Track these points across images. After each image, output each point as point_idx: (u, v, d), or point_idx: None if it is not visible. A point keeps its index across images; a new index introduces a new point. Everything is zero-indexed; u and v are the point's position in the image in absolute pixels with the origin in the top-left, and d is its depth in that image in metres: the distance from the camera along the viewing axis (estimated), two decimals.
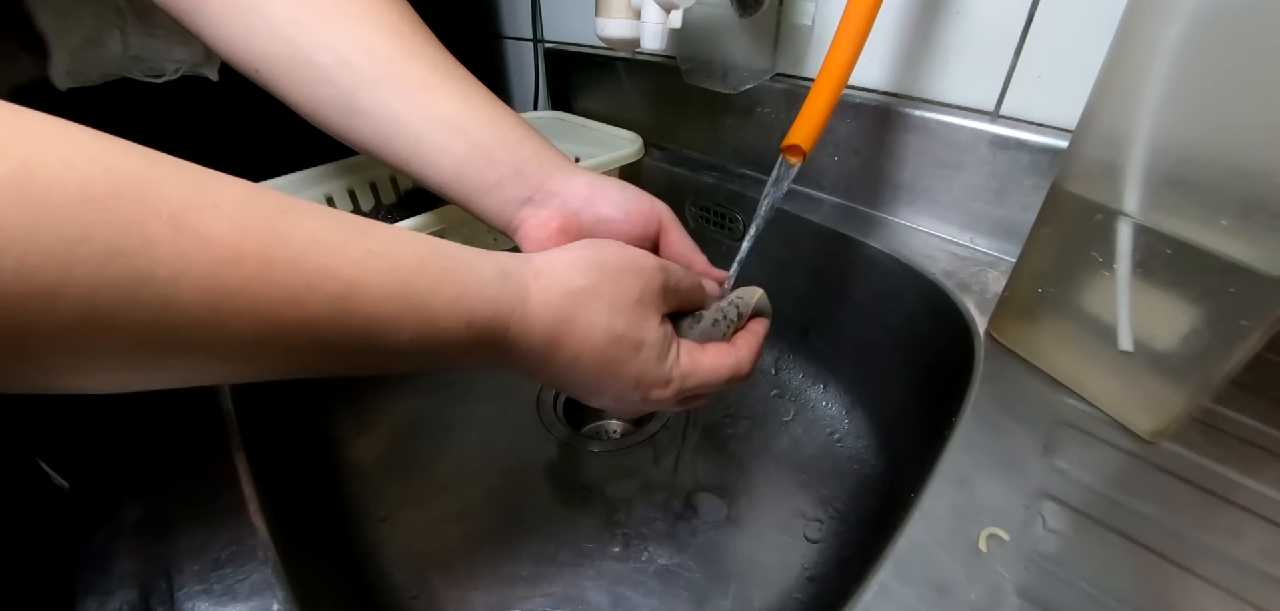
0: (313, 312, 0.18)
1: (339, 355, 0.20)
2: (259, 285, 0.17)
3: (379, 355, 0.21)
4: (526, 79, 0.77)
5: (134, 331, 0.15)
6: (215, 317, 0.16)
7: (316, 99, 0.31)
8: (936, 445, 0.29)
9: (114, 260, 0.14)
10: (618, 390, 0.26)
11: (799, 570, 0.40)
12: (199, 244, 0.16)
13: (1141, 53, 0.25)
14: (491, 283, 0.23)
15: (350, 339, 0.20)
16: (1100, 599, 0.22)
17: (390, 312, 0.20)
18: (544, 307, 0.24)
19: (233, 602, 0.23)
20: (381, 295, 0.20)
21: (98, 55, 0.46)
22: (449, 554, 0.41)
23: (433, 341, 0.21)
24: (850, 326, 0.50)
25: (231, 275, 0.17)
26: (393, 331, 0.20)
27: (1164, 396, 0.28)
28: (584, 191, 0.33)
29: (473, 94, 0.32)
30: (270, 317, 0.17)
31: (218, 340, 0.17)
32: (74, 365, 0.16)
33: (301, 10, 0.30)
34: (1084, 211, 0.29)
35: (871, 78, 0.46)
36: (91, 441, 0.29)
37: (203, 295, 0.16)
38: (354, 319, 0.19)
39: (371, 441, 0.49)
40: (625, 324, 0.25)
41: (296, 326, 0.18)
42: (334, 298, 0.19)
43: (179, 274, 0.16)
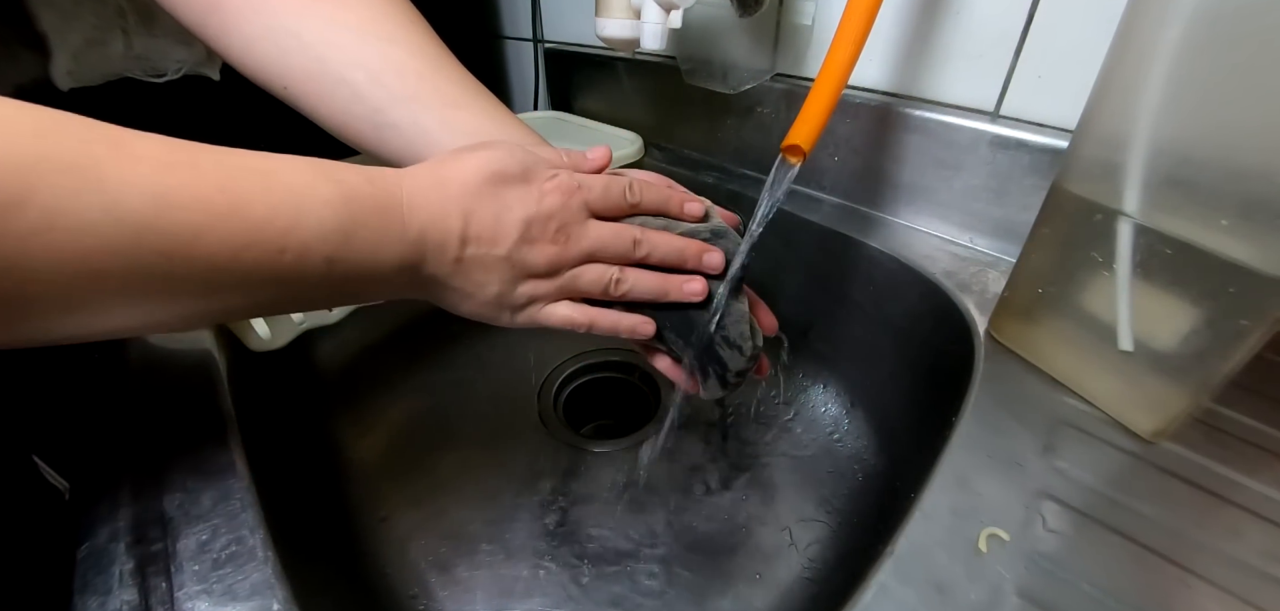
0: (242, 192, 0.21)
1: (269, 235, 0.22)
2: (191, 179, 0.20)
3: (304, 233, 0.22)
4: (526, 79, 0.77)
5: (90, 233, 0.18)
6: (157, 210, 0.19)
7: (347, 114, 0.32)
8: (936, 445, 0.29)
9: (69, 174, 0.17)
10: (518, 194, 0.27)
11: (799, 570, 0.40)
12: (135, 158, 0.19)
13: (1141, 53, 0.25)
14: (381, 168, 0.26)
15: (277, 213, 0.22)
16: (1100, 599, 0.22)
17: (307, 181, 0.23)
18: (422, 165, 0.27)
19: (233, 602, 0.23)
20: (297, 170, 0.23)
21: (99, 55, 0.46)
22: (449, 554, 0.41)
23: (344, 201, 0.23)
24: (850, 326, 0.50)
25: (166, 176, 0.19)
26: (310, 196, 0.23)
27: (1164, 396, 0.28)
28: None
29: (499, 112, 0.34)
30: (205, 204, 0.20)
31: (162, 234, 0.19)
32: (44, 287, 0.18)
33: (334, 30, 0.31)
34: (1084, 211, 0.29)
35: (871, 78, 0.46)
36: (91, 441, 0.29)
37: (143, 193, 0.18)
38: (277, 192, 0.22)
39: (371, 441, 0.49)
40: (485, 149, 0.27)
41: (229, 210, 0.20)
42: (258, 175, 0.21)
43: (123, 180, 0.18)
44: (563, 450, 0.48)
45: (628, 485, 0.45)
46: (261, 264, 0.21)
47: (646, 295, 0.30)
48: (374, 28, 0.32)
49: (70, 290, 0.18)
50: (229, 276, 0.21)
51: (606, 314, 0.30)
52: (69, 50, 0.44)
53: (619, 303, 0.30)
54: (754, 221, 0.35)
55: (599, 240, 0.29)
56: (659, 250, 0.30)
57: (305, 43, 0.31)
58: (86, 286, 0.18)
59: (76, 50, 0.44)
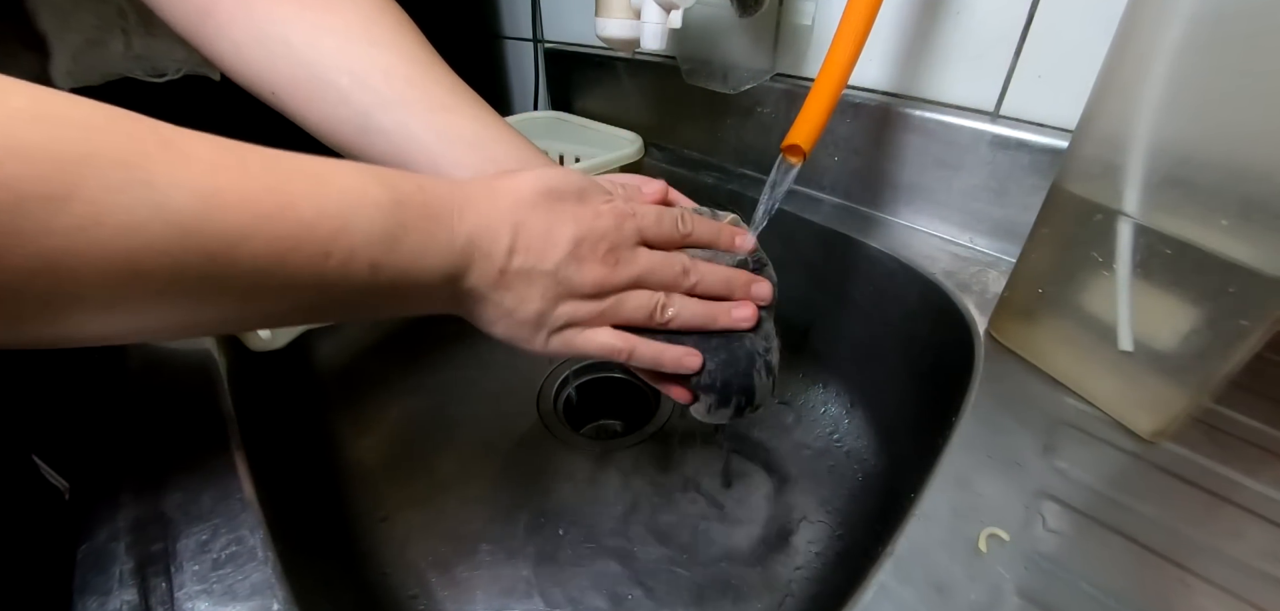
0: (290, 194, 0.20)
1: (316, 238, 0.21)
2: (239, 179, 0.19)
3: (352, 237, 0.22)
4: (526, 79, 0.77)
5: (134, 231, 0.17)
6: (204, 210, 0.18)
7: (334, 118, 0.32)
8: (936, 445, 0.29)
9: (118, 169, 0.17)
10: (571, 210, 0.27)
11: (799, 570, 0.40)
12: (185, 157, 0.18)
13: (1141, 53, 0.25)
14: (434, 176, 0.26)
15: (325, 216, 0.21)
16: (1100, 599, 0.22)
17: (357, 184, 0.22)
18: (477, 178, 0.27)
19: (233, 602, 0.23)
20: (348, 173, 0.23)
21: (99, 55, 0.46)
22: (449, 554, 0.41)
23: (394, 205, 0.23)
24: (850, 326, 0.50)
25: (215, 176, 0.19)
26: (360, 198, 0.22)
27: (1164, 396, 0.28)
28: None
29: (486, 116, 0.34)
30: (253, 205, 0.19)
31: (208, 234, 0.19)
32: (86, 285, 0.17)
33: (321, 35, 0.31)
34: (1084, 211, 0.29)
35: (871, 78, 0.46)
36: (91, 441, 0.29)
37: (191, 192, 0.18)
38: (326, 194, 0.21)
39: (371, 441, 0.49)
40: (543, 169, 0.28)
41: (276, 211, 0.20)
42: (308, 178, 0.21)
43: (173, 182, 0.18)
44: (563, 450, 0.48)
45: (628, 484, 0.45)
46: (307, 268, 0.21)
47: (692, 323, 0.30)
48: (361, 32, 0.32)
49: (113, 289, 0.18)
50: (273, 280, 0.21)
51: (649, 344, 0.29)
52: (68, 50, 0.44)
53: (661, 332, 0.30)
54: (754, 221, 0.35)
55: (649, 266, 0.28)
56: (707, 280, 0.30)
57: (293, 48, 0.31)
58: (129, 286, 0.18)
59: (76, 50, 0.44)
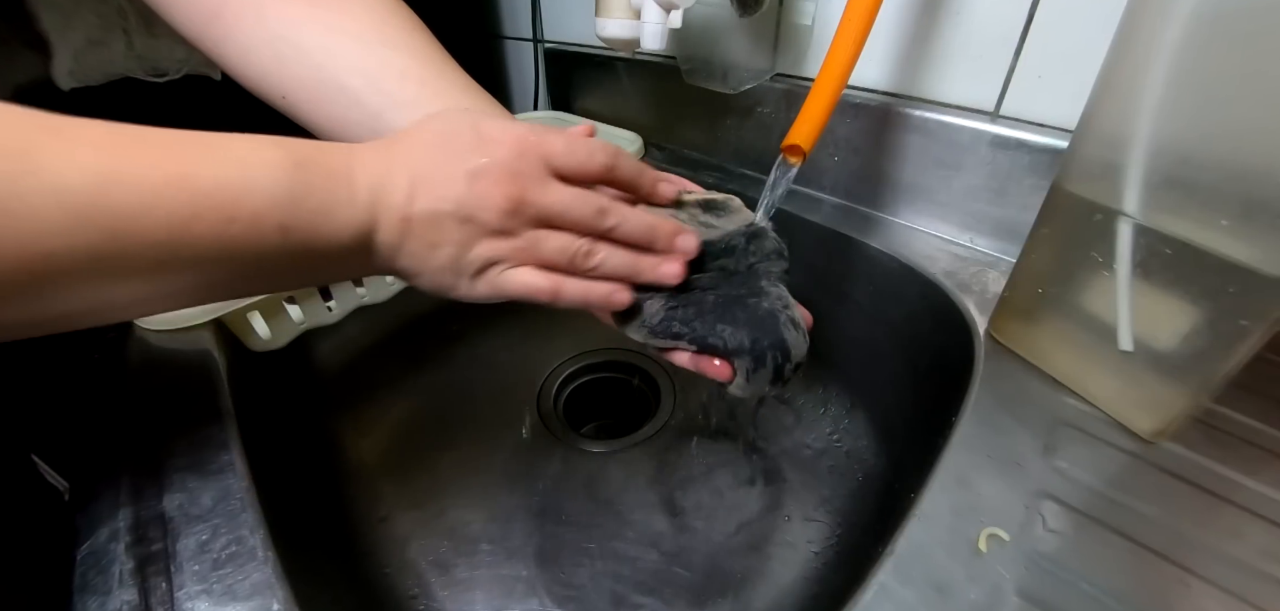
0: (187, 161, 0.20)
1: (218, 204, 0.21)
2: (135, 154, 0.19)
3: (254, 200, 0.22)
4: (526, 79, 0.77)
5: (31, 218, 0.17)
6: (101, 187, 0.19)
7: (346, 122, 0.32)
8: (936, 445, 0.29)
9: (7, 161, 0.17)
10: (470, 161, 0.25)
11: (799, 570, 0.40)
12: (76, 142, 0.19)
13: (1141, 53, 0.25)
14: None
15: (224, 181, 0.21)
16: (1100, 599, 0.22)
17: (254, 149, 0.22)
18: (375, 142, 0.26)
19: (233, 602, 0.23)
20: (244, 141, 0.22)
21: (101, 55, 0.46)
22: (449, 553, 0.41)
23: (295, 171, 0.23)
24: (850, 326, 0.50)
25: (109, 156, 0.19)
26: (258, 165, 0.22)
27: (1164, 396, 0.28)
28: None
29: (499, 114, 0.33)
30: (151, 182, 0.19)
31: (106, 212, 0.19)
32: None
33: (333, 37, 0.31)
34: (1084, 211, 0.29)
35: (871, 78, 0.46)
36: (91, 441, 0.29)
37: (87, 173, 0.18)
38: (225, 161, 0.21)
39: (371, 441, 0.49)
40: (439, 116, 0.27)
41: (175, 178, 0.20)
42: (203, 146, 0.21)
43: (65, 163, 0.18)
44: (563, 450, 0.48)
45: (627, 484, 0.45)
46: (212, 235, 0.21)
47: (617, 272, 0.28)
48: (373, 33, 0.32)
49: (23, 276, 0.18)
50: (181, 252, 0.21)
51: (573, 282, 0.27)
52: (70, 50, 0.44)
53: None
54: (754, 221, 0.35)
55: (561, 201, 0.26)
56: (628, 223, 0.28)
57: (304, 50, 0.31)
58: (39, 271, 0.18)
59: (78, 50, 0.44)
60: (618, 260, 0.28)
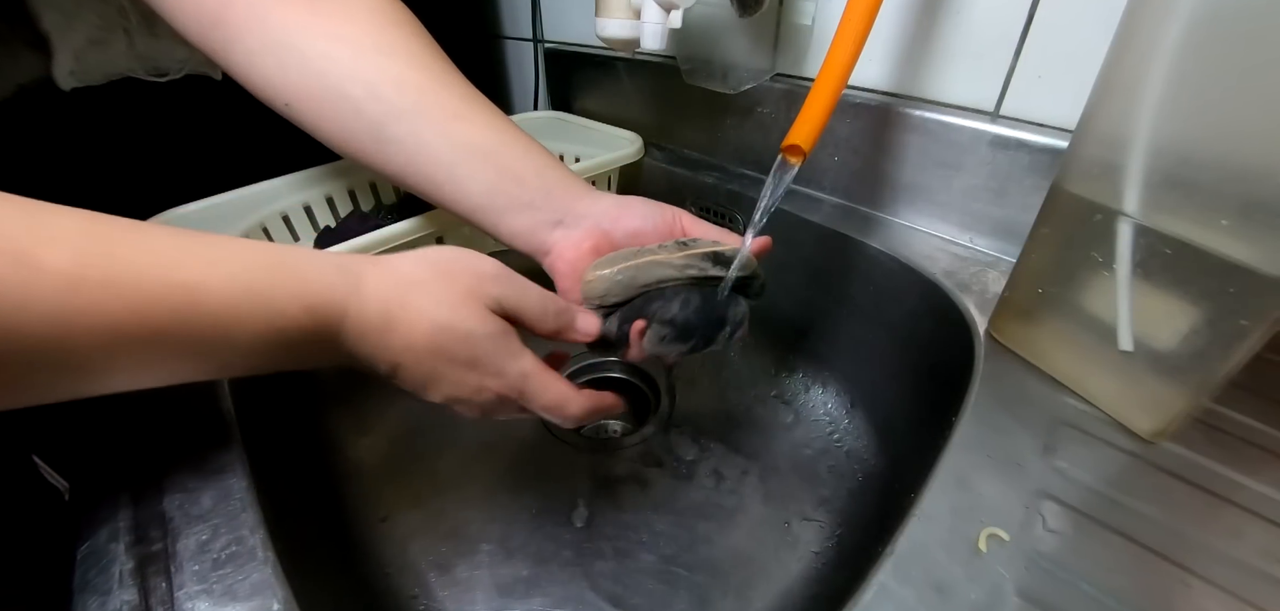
0: (159, 321, 0.20)
1: (189, 356, 0.21)
2: (103, 301, 0.18)
3: (228, 352, 0.22)
4: (526, 79, 0.77)
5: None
6: (64, 337, 0.18)
7: (348, 130, 0.32)
8: (936, 445, 0.29)
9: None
10: (454, 377, 0.27)
11: (799, 570, 0.40)
12: (39, 274, 0.17)
13: (1141, 53, 0.25)
14: (330, 273, 0.25)
15: (198, 339, 0.21)
16: (1100, 599, 0.22)
17: (235, 309, 0.21)
18: (377, 291, 0.25)
19: (233, 602, 0.23)
20: (225, 294, 0.21)
21: (102, 55, 0.46)
22: (449, 554, 0.41)
23: (277, 334, 0.23)
24: (850, 326, 0.50)
25: (74, 299, 0.18)
26: (238, 326, 0.22)
27: (1164, 396, 0.28)
28: (613, 210, 0.34)
29: (500, 124, 0.34)
30: (117, 331, 0.19)
31: (70, 357, 0.18)
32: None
33: (335, 45, 0.31)
34: (1084, 211, 0.29)
35: (871, 78, 0.46)
36: (91, 441, 0.29)
37: (48, 319, 0.17)
38: (200, 319, 0.21)
39: (371, 441, 0.49)
40: (449, 314, 0.26)
41: (145, 336, 0.19)
42: (179, 305, 0.20)
43: (24, 302, 0.17)
44: (562, 449, 0.48)
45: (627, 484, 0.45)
46: (177, 375, 0.22)
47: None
48: (373, 41, 0.32)
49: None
50: (146, 379, 0.21)
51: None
52: (71, 50, 0.44)
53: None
54: (754, 222, 0.35)
55: (512, 414, 0.30)
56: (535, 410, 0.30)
57: (306, 58, 0.31)
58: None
59: (79, 50, 0.44)
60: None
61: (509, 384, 0.27)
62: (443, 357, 0.26)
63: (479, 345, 0.26)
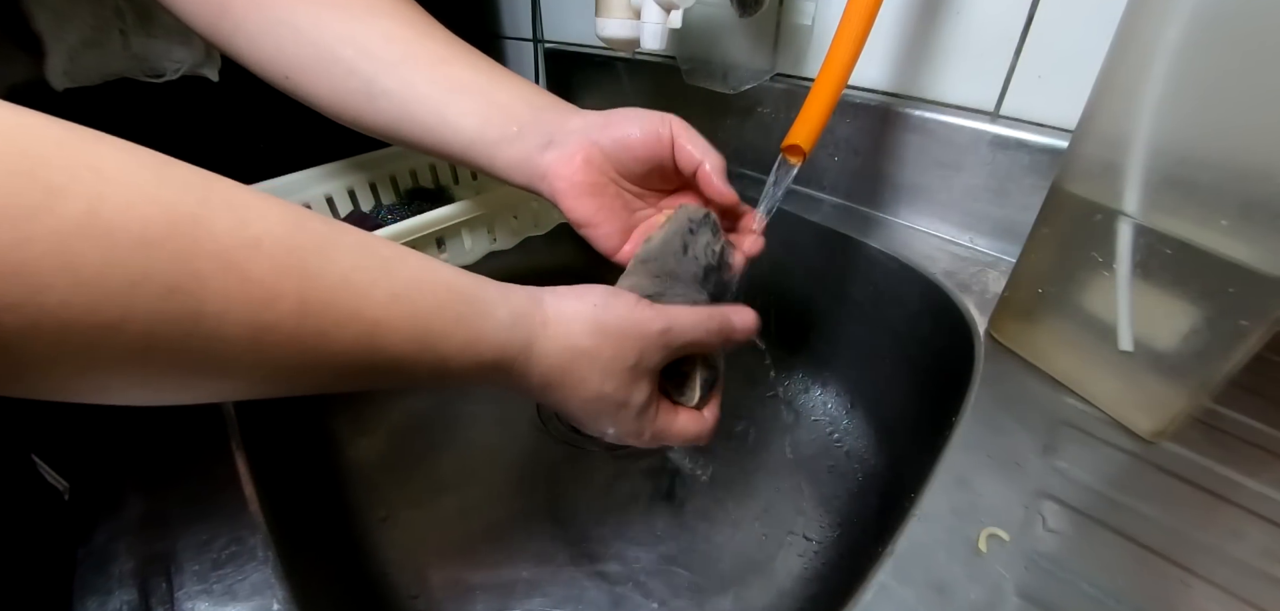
0: (340, 347, 0.20)
1: (360, 382, 0.22)
2: (294, 321, 0.19)
3: (391, 381, 0.23)
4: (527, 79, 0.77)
5: (184, 358, 0.17)
6: (255, 347, 0.18)
7: (343, 91, 0.33)
8: (936, 445, 0.29)
9: (171, 297, 0.16)
10: (598, 428, 0.30)
11: (799, 570, 0.40)
12: (243, 282, 0.17)
13: (1141, 53, 0.25)
14: (502, 328, 0.25)
15: (371, 371, 0.22)
16: (1100, 599, 0.22)
17: (408, 353, 0.22)
18: (545, 357, 0.26)
19: (233, 602, 0.23)
20: (401, 337, 0.22)
21: (96, 55, 0.46)
22: (449, 554, 0.41)
23: (440, 378, 0.24)
24: (850, 326, 0.50)
25: (270, 312, 0.18)
26: (409, 368, 0.22)
27: (1164, 396, 0.28)
28: (599, 119, 0.34)
29: (485, 64, 0.35)
30: (303, 349, 0.19)
31: (256, 367, 0.19)
32: (128, 384, 0.17)
33: (323, 13, 0.32)
34: (1084, 211, 0.29)
35: (871, 78, 0.46)
36: (91, 441, 0.29)
37: (245, 329, 0.18)
38: (377, 357, 0.21)
39: (371, 441, 0.49)
40: (614, 387, 0.27)
41: (326, 358, 0.20)
42: (360, 336, 0.21)
43: (225, 310, 0.17)
44: (562, 450, 0.48)
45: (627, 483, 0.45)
46: (351, 388, 0.22)
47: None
48: (361, 6, 0.33)
49: (161, 394, 0.18)
50: (318, 391, 0.22)
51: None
52: (65, 50, 0.44)
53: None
54: (753, 222, 0.35)
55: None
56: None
57: (300, 30, 0.32)
58: (177, 393, 0.19)
59: (73, 50, 0.44)
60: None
61: (647, 441, 0.30)
62: (591, 415, 0.28)
63: (628, 413, 0.29)
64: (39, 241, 0.14)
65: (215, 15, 0.32)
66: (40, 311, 0.14)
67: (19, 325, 0.14)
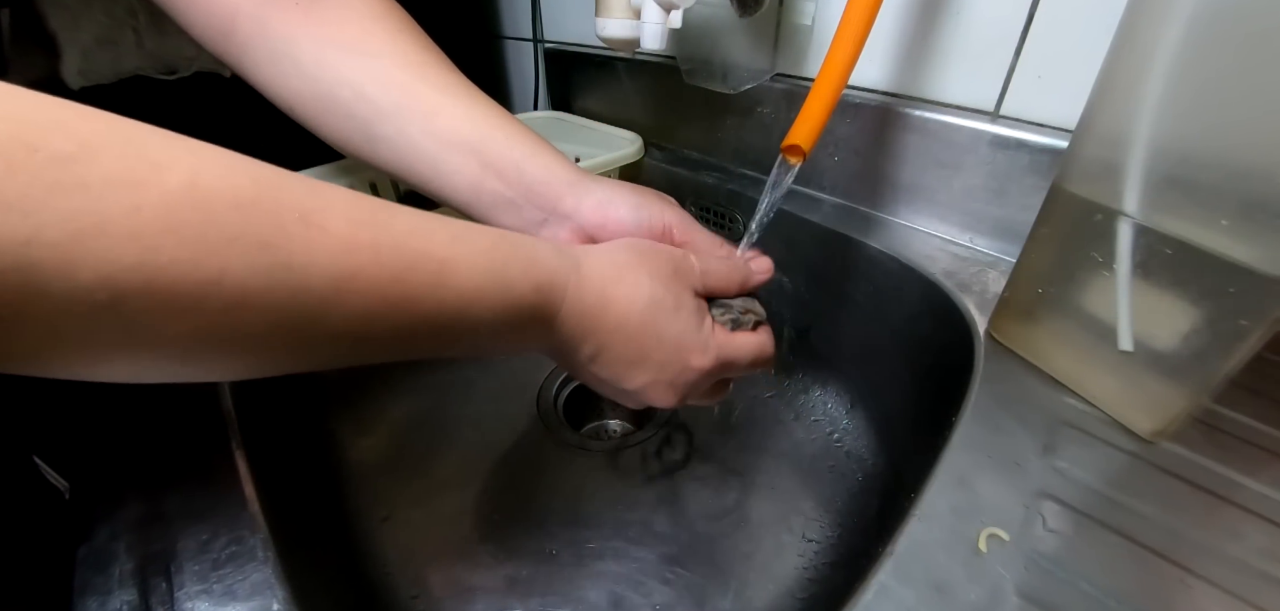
0: (414, 288, 0.21)
1: (434, 326, 0.22)
2: (372, 266, 0.20)
3: (463, 327, 0.23)
4: (526, 79, 0.77)
5: (275, 311, 0.18)
6: (337, 295, 0.19)
7: (344, 130, 0.33)
8: (936, 445, 0.29)
9: (262, 252, 0.17)
10: (660, 357, 0.28)
11: (799, 570, 0.40)
12: (324, 235, 0.19)
13: (1141, 53, 0.25)
14: (551, 255, 0.26)
15: (444, 310, 0.22)
16: (1100, 599, 0.22)
17: (476, 283, 0.23)
18: (594, 272, 0.27)
19: (233, 602, 0.23)
20: (470, 271, 0.23)
21: (111, 54, 0.46)
22: (449, 554, 0.41)
23: (508, 310, 0.24)
24: (850, 326, 0.50)
25: (350, 259, 0.19)
26: (479, 302, 0.23)
27: (1164, 396, 0.28)
28: (597, 211, 0.33)
29: (485, 114, 0.34)
30: (381, 294, 0.20)
31: (340, 317, 0.20)
32: (223, 347, 0.18)
33: (326, 50, 0.32)
34: (1084, 211, 0.29)
35: (871, 78, 0.46)
36: (91, 441, 0.29)
37: (328, 277, 0.19)
38: (448, 292, 0.22)
39: (371, 441, 0.49)
40: (664, 289, 0.28)
41: (401, 301, 0.21)
42: (431, 274, 0.22)
43: (310, 261, 0.18)
44: (562, 450, 0.48)
45: (627, 484, 0.45)
46: (415, 346, 0.22)
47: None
48: (361, 44, 0.33)
49: (246, 356, 0.19)
50: (383, 350, 0.22)
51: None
52: (79, 49, 0.44)
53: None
54: (754, 222, 0.35)
55: (707, 395, 0.32)
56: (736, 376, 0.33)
57: (300, 64, 0.32)
58: (258, 352, 0.19)
59: (87, 49, 0.44)
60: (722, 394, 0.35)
61: (714, 358, 0.29)
62: (653, 334, 0.27)
63: (686, 317, 0.28)
64: (148, 208, 0.15)
65: (222, 35, 0.32)
66: (154, 271, 0.15)
67: (135, 286, 0.15)
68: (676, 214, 0.34)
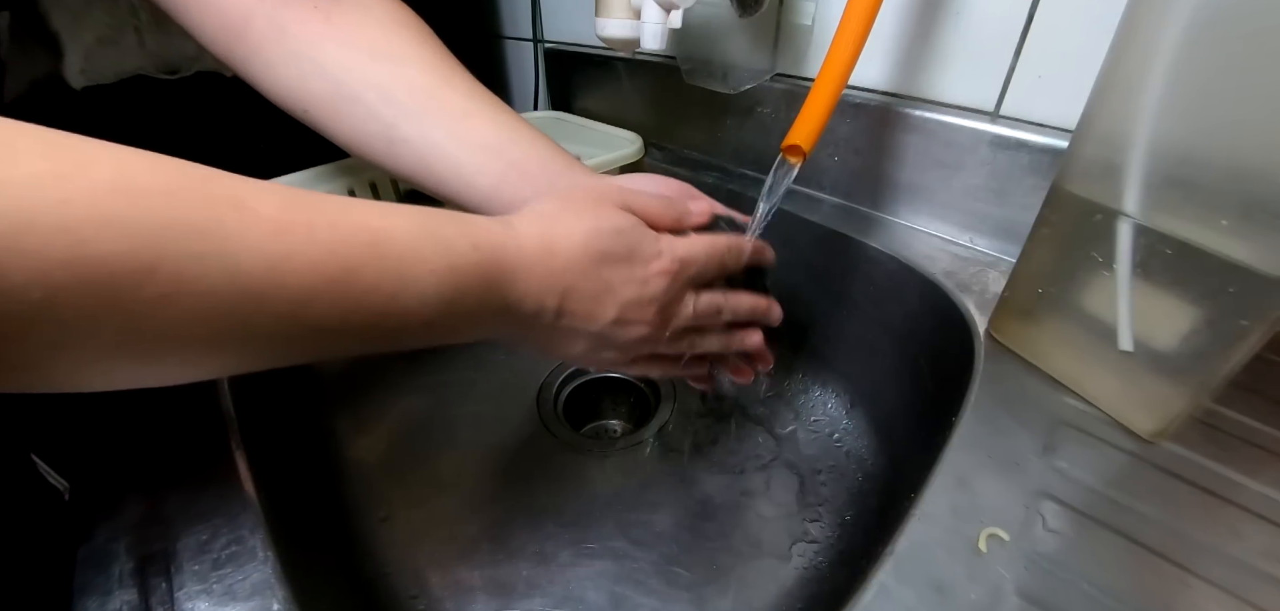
0: (351, 260, 0.21)
1: (375, 302, 0.22)
2: (306, 244, 0.20)
3: (408, 298, 0.23)
4: (526, 79, 0.77)
5: (212, 297, 0.18)
6: (274, 275, 0.19)
7: (363, 133, 0.34)
8: (936, 445, 0.29)
9: (196, 238, 0.17)
10: (621, 276, 0.28)
11: (799, 570, 0.40)
12: (256, 219, 0.19)
13: (1141, 53, 0.25)
14: (482, 219, 0.26)
15: (386, 278, 0.22)
16: (1100, 599, 0.22)
17: (416, 249, 0.23)
18: (529, 225, 0.27)
19: (233, 602, 0.23)
20: (405, 234, 0.23)
21: (112, 53, 0.46)
22: (449, 554, 0.41)
23: (451, 272, 0.24)
24: (850, 326, 0.50)
25: (284, 239, 0.19)
26: (420, 265, 0.23)
27: (1164, 396, 0.28)
28: (613, 179, 0.35)
29: (507, 120, 0.35)
30: (319, 270, 0.20)
31: (281, 300, 0.19)
32: (164, 343, 0.18)
33: (349, 53, 0.33)
34: (1084, 211, 0.29)
35: (871, 78, 0.46)
36: (91, 441, 0.29)
37: (263, 258, 0.19)
38: (387, 260, 0.22)
39: (371, 441, 0.49)
40: (594, 219, 0.28)
41: (340, 275, 0.21)
42: (366, 245, 0.21)
43: (243, 245, 0.18)
44: (562, 449, 0.48)
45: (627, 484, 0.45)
46: (366, 325, 0.22)
47: (711, 352, 0.33)
48: (386, 48, 0.34)
49: (189, 349, 0.19)
50: (335, 336, 0.22)
51: (674, 367, 0.33)
52: (81, 49, 0.44)
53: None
54: (754, 222, 0.35)
55: (693, 316, 0.31)
56: (739, 313, 0.33)
57: (322, 67, 0.33)
58: (203, 346, 0.19)
59: (89, 49, 0.45)
60: (712, 345, 0.33)
61: (673, 257, 0.29)
62: (606, 260, 0.27)
63: (630, 234, 0.28)
64: (77, 201, 0.15)
65: (231, 37, 0.33)
66: (87, 264, 0.15)
67: (68, 281, 0.15)
68: (691, 189, 0.35)
